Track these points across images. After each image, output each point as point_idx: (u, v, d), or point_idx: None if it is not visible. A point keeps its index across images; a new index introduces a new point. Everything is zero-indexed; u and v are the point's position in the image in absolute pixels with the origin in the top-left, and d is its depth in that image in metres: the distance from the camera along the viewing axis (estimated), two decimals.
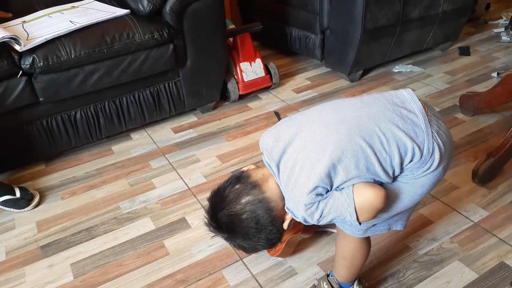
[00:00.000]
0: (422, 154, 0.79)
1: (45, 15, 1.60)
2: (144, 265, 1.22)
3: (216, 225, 0.86)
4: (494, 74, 2.12)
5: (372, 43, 2.01)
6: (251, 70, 2.01)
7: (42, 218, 1.41)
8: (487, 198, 1.37)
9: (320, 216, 0.77)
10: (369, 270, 1.15)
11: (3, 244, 1.31)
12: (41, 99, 1.49)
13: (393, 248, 1.22)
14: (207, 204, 0.89)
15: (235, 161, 1.63)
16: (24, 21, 1.57)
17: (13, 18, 1.59)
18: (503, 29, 2.60)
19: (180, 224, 1.35)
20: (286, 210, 0.83)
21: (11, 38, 1.36)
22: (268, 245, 0.88)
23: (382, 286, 1.11)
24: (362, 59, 2.06)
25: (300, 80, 2.22)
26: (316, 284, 1.09)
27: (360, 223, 0.79)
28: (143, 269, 1.21)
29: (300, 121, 0.85)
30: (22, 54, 1.39)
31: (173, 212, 1.40)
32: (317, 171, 0.75)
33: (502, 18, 2.79)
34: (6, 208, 1.43)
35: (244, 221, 0.82)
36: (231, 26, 2.08)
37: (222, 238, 0.89)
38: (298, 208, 0.78)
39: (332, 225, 1.24)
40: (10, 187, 1.44)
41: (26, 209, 1.43)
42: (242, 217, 0.82)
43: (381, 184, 0.81)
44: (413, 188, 0.84)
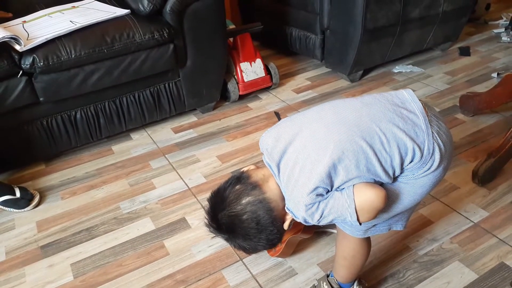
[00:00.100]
0: (423, 155, 0.79)
1: (46, 15, 1.60)
2: (144, 265, 1.22)
3: (217, 226, 0.86)
4: (494, 75, 2.12)
5: (372, 43, 2.01)
6: (251, 70, 2.01)
7: (42, 218, 1.41)
8: (487, 199, 1.37)
9: (321, 217, 0.77)
10: (369, 270, 1.15)
11: (3, 244, 1.31)
12: (41, 99, 1.49)
13: (393, 249, 1.22)
14: (207, 205, 0.89)
15: (235, 161, 1.63)
16: (25, 21, 1.57)
17: (14, 18, 1.59)
18: (503, 30, 2.60)
19: (180, 224, 1.35)
20: (287, 211, 0.83)
21: (12, 38, 1.36)
22: (269, 246, 0.88)
23: (382, 286, 1.11)
24: (362, 59, 2.06)
25: (300, 80, 2.22)
26: (316, 285, 1.09)
27: (361, 224, 0.79)
28: (143, 269, 1.21)
29: (301, 121, 0.85)
30: (22, 54, 1.39)
31: (173, 212, 1.40)
32: (318, 172, 0.75)
33: (502, 19, 2.79)
34: (6, 208, 1.43)
35: (245, 222, 0.82)
36: (231, 26, 2.08)
37: (223, 239, 0.89)
38: (299, 209, 0.78)
39: (332, 226, 1.24)
40: (10, 187, 1.44)
41: (26, 209, 1.43)
42: (243, 218, 0.82)
43: (382, 185, 0.81)
44: (414, 189, 0.84)
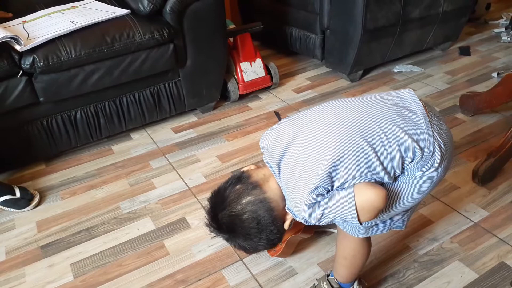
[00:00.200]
0: (423, 154, 0.79)
1: (46, 15, 1.60)
2: (144, 265, 1.22)
3: (217, 226, 0.86)
4: (494, 74, 2.12)
5: (372, 43, 2.01)
6: (251, 70, 2.01)
7: (42, 218, 1.41)
8: (487, 198, 1.37)
9: (321, 216, 0.77)
10: (369, 270, 1.15)
11: (3, 244, 1.31)
12: (41, 99, 1.49)
13: (393, 248, 1.22)
14: (208, 205, 0.89)
15: (235, 161, 1.63)
16: (25, 21, 1.57)
17: (14, 18, 1.59)
18: (504, 29, 2.60)
19: (180, 224, 1.35)
20: (287, 210, 0.83)
21: (12, 38, 1.36)
22: (269, 245, 0.88)
23: (382, 286, 1.11)
24: (362, 59, 2.06)
25: (300, 80, 2.22)
26: (316, 284, 1.09)
27: (361, 223, 0.79)
28: (143, 269, 1.21)
29: (301, 121, 0.85)
30: (23, 54, 1.39)
31: (173, 212, 1.40)
32: (318, 171, 0.75)
33: (503, 18, 2.79)
34: (6, 208, 1.43)
35: (245, 222, 0.82)
36: (231, 26, 2.08)
37: (223, 239, 0.89)
38: (299, 208, 0.78)
39: (332, 225, 1.24)
40: (10, 187, 1.44)
41: (26, 209, 1.43)
42: (243, 218, 0.82)
43: (382, 184, 0.81)
44: (414, 188, 0.84)
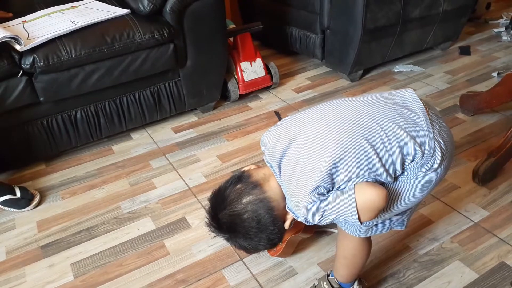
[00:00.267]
0: (424, 154, 0.79)
1: (46, 15, 1.60)
2: (145, 265, 1.22)
3: (217, 225, 0.86)
4: (495, 74, 2.12)
5: (373, 43, 2.01)
6: (252, 70, 2.01)
7: (43, 218, 1.41)
8: (488, 198, 1.37)
9: (322, 216, 0.77)
10: (370, 270, 1.15)
11: (4, 244, 1.31)
12: (42, 99, 1.49)
13: (394, 248, 1.22)
14: (208, 204, 0.89)
15: (236, 161, 1.63)
16: (25, 21, 1.57)
17: (14, 18, 1.59)
18: (504, 29, 2.59)
19: (181, 224, 1.35)
20: (287, 210, 0.83)
21: (12, 38, 1.36)
22: (269, 245, 0.88)
23: (383, 286, 1.11)
24: (363, 59, 2.06)
25: (301, 80, 2.22)
26: (316, 284, 1.09)
27: (362, 223, 0.79)
28: (144, 269, 1.21)
29: (302, 121, 0.85)
30: (23, 54, 1.39)
31: (174, 212, 1.40)
32: (319, 171, 0.75)
33: (503, 18, 2.79)
34: (7, 208, 1.43)
35: (246, 221, 0.82)
36: (232, 26, 2.08)
37: (223, 238, 0.89)
38: (300, 208, 0.78)
39: (333, 225, 1.24)
40: (11, 187, 1.44)
41: (27, 209, 1.43)
42: (244, 217, 0.82)
43: (383, 184, 0.81)
44: (415, 188, 0.84)
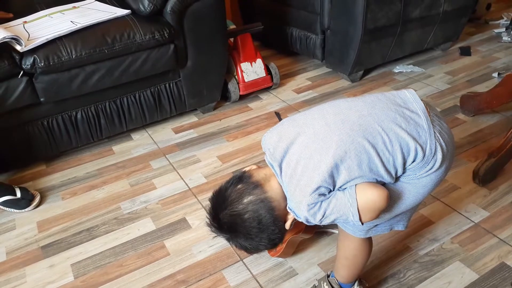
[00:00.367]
0: (425, 154, 0.79)
1: (46, 16, 1.60)
2: (145, 266, 1.22)
3: (218, 226, 0.86)
4: (495, 74, 2.12)
5: (373, 43, 2.01)
6: (252, 70, 2.01)
7: (43, 219, 1.41)
8: (488, 199, 1.37)
9: (323, 216, 0.77)
10: (370, 271, 1.15)
11: (4, 245, 1.31)
12: (42, 100, 1.49)
13: (394, 249, 1.22)
14: (209, 204, 0.89)
15: (236, 162, 1.63)
16: (25, 22, 1.57)
17: (14, 19, 1.59)
18: (504, 29, 2.60)
19: (181, 225, 1.35)
20: (288, 210, 0.83)
21: (12, 39, 1.36)
22: (270, 245, 0.88)
23: (383, 287, 1.11)
24: (363, 59, 2.06)
25: (301, 80, 2.22)
26: (317, 285, 1.09)
27: (363, 223, 0.79)
28: (144, 270, 1.21)
29: (303, 121, 0.85)
30: (23, 55, 1.39)
31: (174, 213, 1.40)
32: (320, 171, 0.75)
33: (503, 18, 2.79)
34: (7, 209, 1.43)
35: (246, 221, 0.82)
36: (232, 26, 2.08)
37: (224, 239, 0.89)
38: (301, 208, 0.78)
39: (333, 226, 1.24)
40: (11, 188, 1.44)
41: (27, 210, 1.43)
42: (244, 217, 0.82)
43: (384, 185, 0.81)
44: (416, 189, 0.84)
